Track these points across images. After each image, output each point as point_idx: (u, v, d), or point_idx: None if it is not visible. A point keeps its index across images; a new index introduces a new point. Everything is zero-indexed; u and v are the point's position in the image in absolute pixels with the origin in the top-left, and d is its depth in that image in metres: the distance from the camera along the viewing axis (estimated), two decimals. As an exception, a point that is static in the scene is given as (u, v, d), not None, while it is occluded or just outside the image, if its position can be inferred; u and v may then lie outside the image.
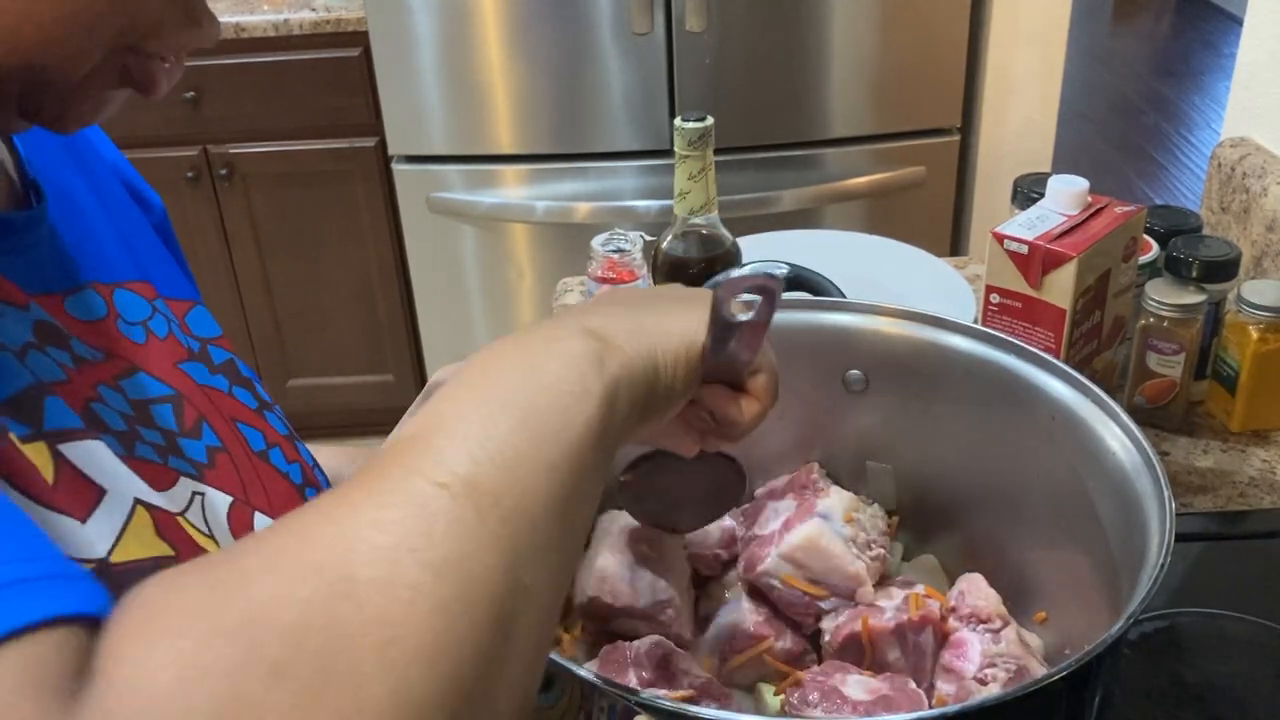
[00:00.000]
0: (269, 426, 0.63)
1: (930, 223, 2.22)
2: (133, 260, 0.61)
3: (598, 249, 1.19)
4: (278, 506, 0.59)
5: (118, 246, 0.61)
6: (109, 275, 0.58)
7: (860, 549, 0.73)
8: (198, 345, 0.62)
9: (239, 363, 0.65)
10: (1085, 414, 0.70)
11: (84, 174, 0.62)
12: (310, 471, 0.64)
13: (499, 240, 2.24)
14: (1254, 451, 1.04)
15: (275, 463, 0.61)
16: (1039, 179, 1.12)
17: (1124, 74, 4.92)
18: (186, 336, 0.61)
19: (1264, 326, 1.02)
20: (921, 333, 0.77)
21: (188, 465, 0.55)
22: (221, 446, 0.58)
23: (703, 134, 1.01)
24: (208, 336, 0.64)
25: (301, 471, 0.63)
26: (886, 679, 0.67)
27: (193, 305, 0.64)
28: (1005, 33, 2.13)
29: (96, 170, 0.64)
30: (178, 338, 0.60)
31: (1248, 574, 0.91)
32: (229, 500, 0.56)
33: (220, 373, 0.62)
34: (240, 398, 0.62)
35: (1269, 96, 1.31)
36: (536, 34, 2.04)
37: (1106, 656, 0.54)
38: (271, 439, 0.62)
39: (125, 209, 0.65)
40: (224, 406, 0.60)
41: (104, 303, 0.57)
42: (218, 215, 2.39)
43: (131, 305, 0.59)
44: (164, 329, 0.60)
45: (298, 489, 0.62)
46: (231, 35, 2.23)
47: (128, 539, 0.47)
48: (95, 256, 0.58)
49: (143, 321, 0.59)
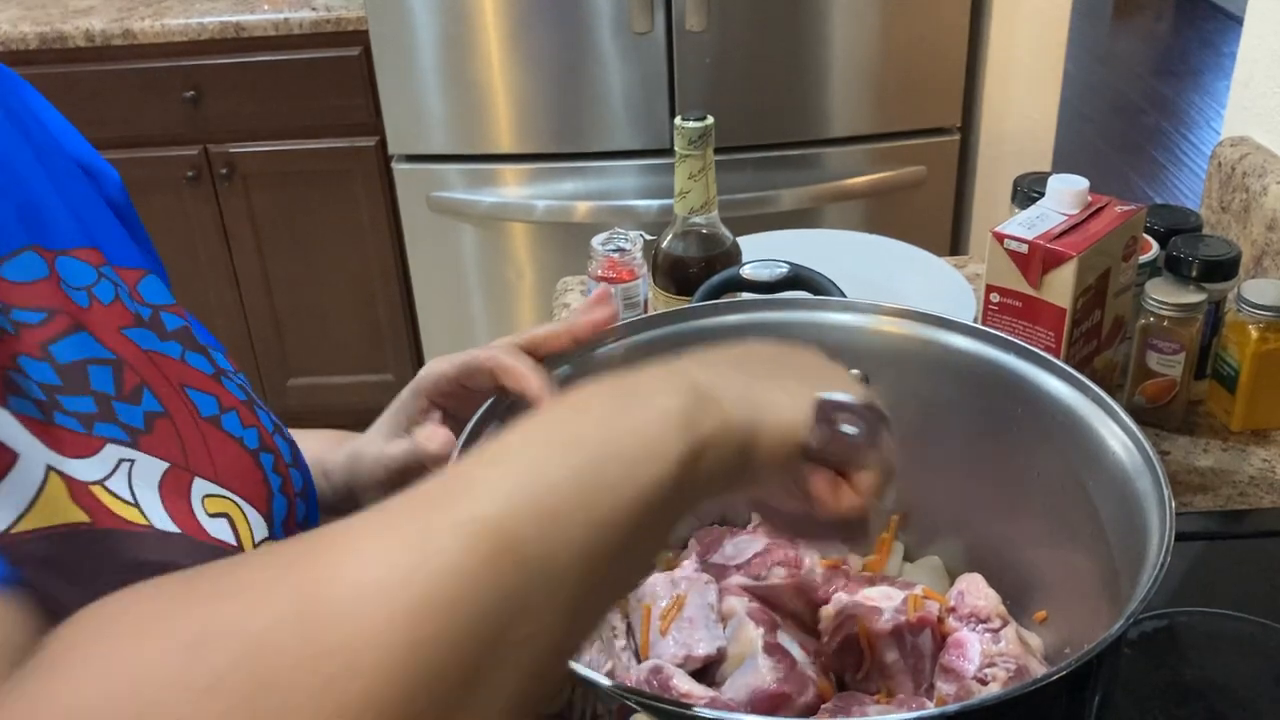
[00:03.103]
0: (225, 392, 0.62)
1: (930, 223, 2.22)
2: (80, 228, 0.60)
3: (598, 248, 1.19)
4: (223, 469, 0.58)
5: (64, 214, 0.60)
6: (52, 242, 0.57)
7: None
8: (148, 312, 0.61)
9: (197, 328, 0.64)
10: (1085, 414, 0.70)
11: (29, 143, 0.61)
12: (269, 437, 0.63)
13: (499, 240, 2.24)
14: (1254, 451, 1.04)
15: (228, 428, 0.60)
16: (1039, 179, 1.12)
17: (1124, 74, 4.92)
18: (135, 303, 0.60)
19: (1264, 326, 1.02)
20: (921, 333, 0.77)
21: (120, 431, 0.54)
22: (163, 412, 0.57)
23: (703, 133, 1.01)
24: (160, 304, 0.63)
25: (259, 436, 0.62)
26: (901, 702, 0.67)
27: (145, 274, 0.64)
28: (1005, 33, 2.13)
29: (39, 140, 0.63)
30: (125, 303, 0.59)
31: (1247, 573, 0.91)
32: (164, 466, 0.55)
33: (173, 339, 0.61)
34: (193, 363, 0.62)
35: (1269, 96, 1.31)
36: (536, 34, 2.04)
37: (1106, 656, 0.54)
38: (226, 404, 0.61)
39: (73, 179, 0.64)
40: (171, 372, 0.59)
41: (46, 265, 0.56)
42: (218, 215, 2.39)
43: (76, 271, 0.58)
44: (109, 294, 0.59)
45: (251, 453, 0.61)
46: (232, 35, 2.23)
47: (40, 506, 0.47)
48: (37, 223, 0.57)
49: (87, 287, 0.58)
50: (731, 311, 0.80)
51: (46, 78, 2.21)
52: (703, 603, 0.73)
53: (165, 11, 2.28)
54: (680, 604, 0.72)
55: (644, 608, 0.73)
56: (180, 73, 2.26)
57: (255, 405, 0.64)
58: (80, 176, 0.65)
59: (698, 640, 0.71)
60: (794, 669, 0.68)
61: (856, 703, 0.67)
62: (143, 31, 2.23)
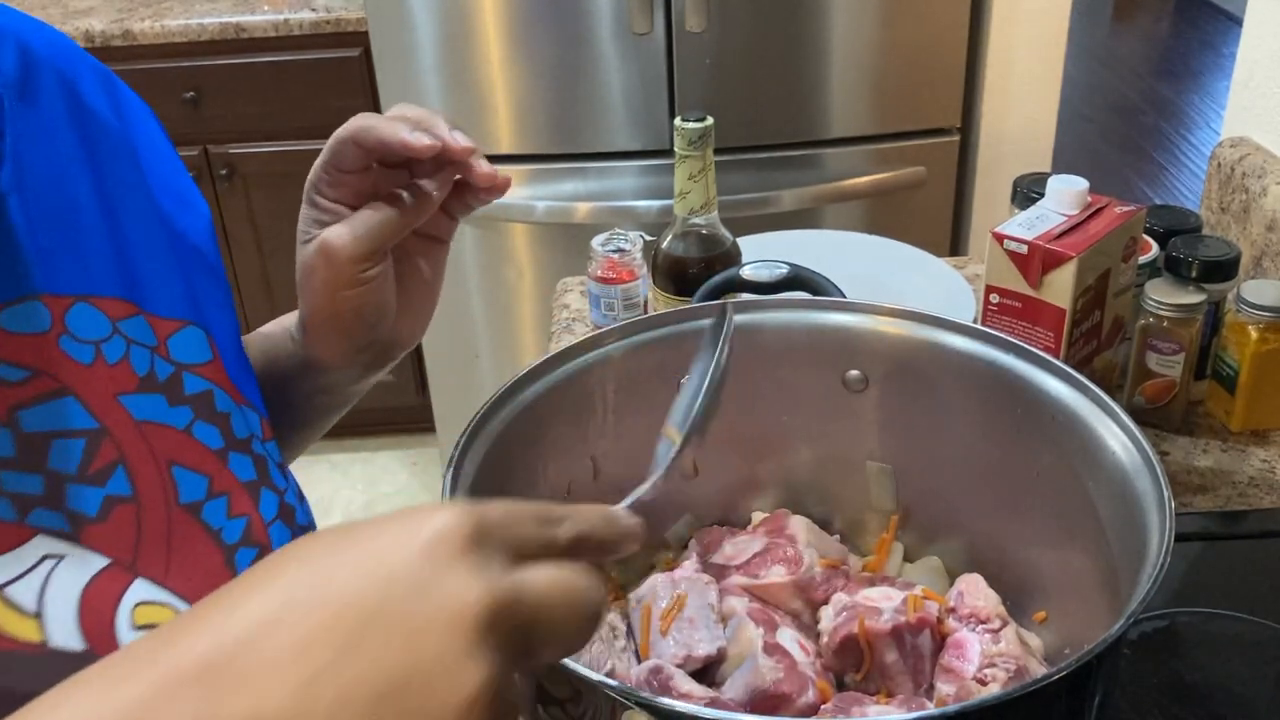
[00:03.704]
0: (224, 472, 0.58)
1: (930, 223, 2.22)
2: (119, 274, 0.57)
3: (598, 249, 1.19)
4: (178, 569, 0.53)
5: (105, 256, 0.56)
6: (73, 286, 0.54)
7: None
8: (168, 371, 0.57)
9: (220, 395, 0.60)
10: (1085, 414, 0.70)
11: (96, 172, 0.58)
12: (260, 529, 0.58)
13: (499, 240, 2.24)
14: (1254, 451, 1.04)
15: (207, 518, 0.56)
16: (1039, 179, 1.12)
17: (1124, 74, 4.92)
18: (152, 362, 0.56)
19: (1264, 326, 1.02)
20: (921, 333, 0.77)
21: (60, 520, 0.50)
22: (129, 496, 0.53)
23: (703, 134, 1.01)
24: (189, 362, 0.59)
25: (247, 528, 0.58)
26: (901, 703, 0.67)
27: (183, 326, 0.60)
28: (1005, 33, 2.13)
29: (115, 174, 0.60)
30: (133, 365, 0.56)
31: (1247, 574, 0.91)
32: (101, 564, 0.50)
33: (186, 404, 0.57)
34: (199, 435, 0.57)
35: (1269, 96, 1.31)
36: (536, 34, 2.04)
37: (1106, 656, 0.54)
38: (219, 487, 0.57)
39: (138, 219, 0.60)
40: (163, 446, 0.55)
41: (50, 316, 0.53)
42: (218, 215, 2.39)
43: (88, 322, 0.54)
44: (118, 352, 0.55)
45: (226, 549, 0.56)
46: (232, 35, 2.23)
47: None
48: (63, 264, 0.54)
49: (96, 342, 0.55)
50: (731, 312, 0.80)
51: (46, 78, 2.21)
52: (703, 603, 0.73)
53: (165, 12, 2.28)
54: (680, 604, 0.72)
55: (644, 608, 0.73)
56: (180, 73, 2.26)
57: (265, 486, 0.60)
58: (150, 217, 0.61)
59: (698, 640, 0.71)
60: (794, 669, 0.68)
61: (856, 703, 0.68)
62: (142, 32, 2.23)
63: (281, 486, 0.63)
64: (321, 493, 2.65)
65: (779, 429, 0.83)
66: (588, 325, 1.26)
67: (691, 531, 0.83)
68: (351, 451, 2.73)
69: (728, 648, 0.71)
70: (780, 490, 0.85)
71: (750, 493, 0.85)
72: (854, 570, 0.79)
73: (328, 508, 2.62)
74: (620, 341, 0.77)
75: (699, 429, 0.60)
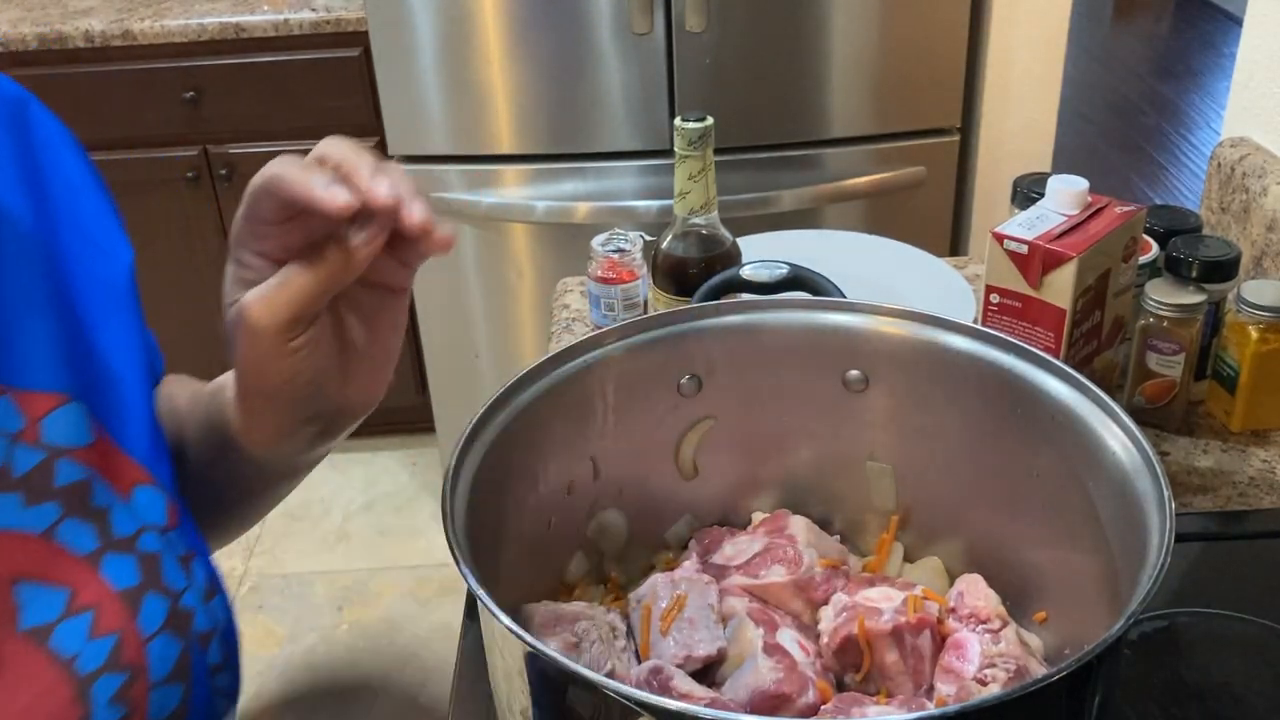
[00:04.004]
0: (93, 581, 0.50)
1: (930, 223, 2.22)
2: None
3: (598, 249, 1.19)
4: (8, 705, 0.46)
5: None
6: None
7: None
8: (34, 459, 0.49)
9: (100, 485, 0.52)
10: (1085, 414, 0.70)
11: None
12: (134, 649, 0.50)
13: (499, 240, 2.23)
14: (1254, 451, 1.04)
15: (55, 645, 0.48)
16: (1039, 179, 1.12)
17: (1124, 74, 4.92)
18: (15, 451, 0.49)
19: (1264, 326, 1.02)
20: (921, 333, 0.77)
21: None
22: None
23: (703, 134, 1.01)
24: (65, 445, 0.51)
25: (112, 651, 0.50)
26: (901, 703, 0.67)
27: (61, 402, 0.52)
28: (1005, 33, 2.13)
29: (21, 271, 0.53)
30: None
31: (1247, 574, 0.91)
32: None
33: (51, 500, 0.50)
34: (63, 539, 0.50)
35: (1269, 96, 1.31)
36: (536, 34, 2.04)
37: (1106, 656, 0.54)
38: (81, 602, 0.49)
39: (26, 290, 0.52)
40: (10, 559, 0.48)
41: None
42: (218, 215, 2.39)
43: None
44: None
45: (78, 681, 0.48)
46: (232, 35, 2.23)
47: None
48: None
49: None
50: (731, 312, 0.80)
51: (46, 79, 2.21)
52: (703, 603, 0.73)
53: (165, 12, 2.28)
54: (680, 604, 0.72)
55: (644, 608, 0.73)
56: (180, 73, 2.26)
57: (152, 591, 0.53)
58: (37, 286, 0.54)
59: (698, 640, 0.71)
60: (794, 669, 0.68)
61: (856, 703, 0.67)
62: (142, 32, 2.23)
63: (179, 586, 0.55)
64: (321, 493, 2.65)
65: (779, 429, 0.83)
66: (588, 325, 1.26)
67: (691, 531, 0.83)
68: (351, 451, 2.73)
69: (728, 648, 0.71)
70: (780, 490, 0.85)
71: (750, 493, 0.85)
72: (854, 570, 0.79)
73: (328, 508, 2.62)
74: (620, 342, 0.77)
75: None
